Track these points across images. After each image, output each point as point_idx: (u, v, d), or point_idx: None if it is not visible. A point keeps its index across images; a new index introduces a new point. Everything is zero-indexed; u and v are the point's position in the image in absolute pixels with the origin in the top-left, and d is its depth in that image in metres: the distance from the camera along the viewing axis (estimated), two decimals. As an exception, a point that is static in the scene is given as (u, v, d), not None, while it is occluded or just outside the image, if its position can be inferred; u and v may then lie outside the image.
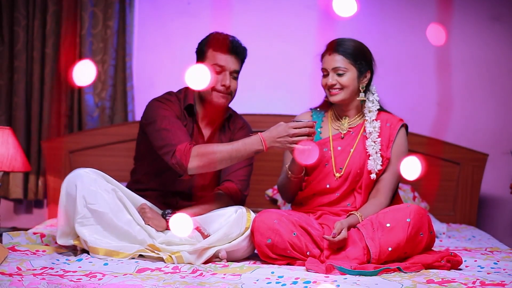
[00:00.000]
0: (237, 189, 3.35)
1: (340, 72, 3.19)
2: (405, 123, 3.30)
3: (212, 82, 3.32)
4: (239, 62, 3.38)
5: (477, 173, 4.66)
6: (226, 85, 3.32)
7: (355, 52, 3.21)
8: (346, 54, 3.19)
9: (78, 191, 3.00)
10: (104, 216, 3.01)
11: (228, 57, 3.33)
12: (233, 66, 3.34)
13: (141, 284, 2.47)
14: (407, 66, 4.88)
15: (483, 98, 4.87)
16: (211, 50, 3.35)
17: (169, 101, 3.39)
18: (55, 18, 4.75)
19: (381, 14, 4.88)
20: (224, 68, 3.33)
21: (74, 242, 3.06)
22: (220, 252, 3.02)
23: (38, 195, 4.81)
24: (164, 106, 3.35)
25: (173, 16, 4.89)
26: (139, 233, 3.05)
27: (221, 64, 3.32)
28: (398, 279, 2.65)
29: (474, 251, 3.44)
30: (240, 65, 3.40)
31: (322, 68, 3.24)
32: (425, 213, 2.99)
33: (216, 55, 3.33)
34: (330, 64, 3.20)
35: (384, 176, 3.22)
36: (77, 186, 3.01)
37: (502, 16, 4.85)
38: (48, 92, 4.74)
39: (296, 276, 2.66)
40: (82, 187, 3.01)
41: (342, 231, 2.95)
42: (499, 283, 2.59)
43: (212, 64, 3.32)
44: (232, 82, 3.35)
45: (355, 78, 3.21)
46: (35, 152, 4.76)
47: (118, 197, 3.08)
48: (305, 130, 3.01)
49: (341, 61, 3.19)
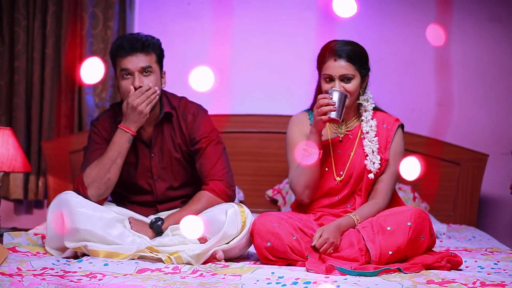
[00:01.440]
0: (223, 187, 3.27)
1: (348, 79, 3.12)
2: (401, 123, 3.29)
3: (126, 89, 3.20)
4: (144, 55, 3.20)
5: (477, 174, 4.66)
6: (136, 86, 3.17)
7: (359, 56, 3.15)
8: (352, 60, 3.12)
9: (65, 214, 3.00)
10: (94, 233, 2.99)
11: (129, 58, 3.19)
12: (138, 64, 3.18)
13: (141, 285, 2.47)
14: (407, 67, 4.88)
15: (483, 99, 4.87)
16: (117, 59, 3.22)
17: (100, 122, 3.35)
18: (55, 19, 4.75)
19: (381, 15, 4.88)
20: (130, 71, 3.19)
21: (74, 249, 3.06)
22: (217, 253, 3.02)
23: (39, 196, 4.82)
24: (94, 130, 3.34)
25: (173, 17, 4.89)
26: (133, 243, 3.05)
27: (125, 68, 3.19)
28: (398, 280, 2.65)
29: (475, 252, 3.44)
30: (149, 57, 3.22)
31: (326, 74, 3.14)
32: (426, 216, 2.98)
33: (121, 63, 3.21)
34: (337, 71, 3.11)
35: (382, 177, 3.22)
36: (63, 210, 3.01)
37: (502, 17, 4.85)
38: (49, 93, 4.74)
39: (296, 277, 2.66)
40: (69, 210, 3.00)
41: (323, 234, 2.96)
42: (499, 283, 2.58)
43: (120, 71, 3.21)
44: (145, 80, 3.19)
45: (359, 84, 3.17)
46: (35, 152, 4.76)
47: (107, 213, 3.08)
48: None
49: (349, 68, 3.12)
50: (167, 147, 3.35)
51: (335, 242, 2.96)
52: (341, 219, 3.07)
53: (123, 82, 3.20)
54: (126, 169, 3.33)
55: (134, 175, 3.37)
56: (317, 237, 2.96)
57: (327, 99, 3.04)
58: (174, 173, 3.39)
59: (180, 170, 3.40)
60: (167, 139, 3.35)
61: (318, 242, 2.95)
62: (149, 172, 3.38)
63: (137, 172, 3.38)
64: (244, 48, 4.84)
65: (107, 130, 3.34)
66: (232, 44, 4.84)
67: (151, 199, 3.41)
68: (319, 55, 3.20)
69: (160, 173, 3.38)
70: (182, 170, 3.40)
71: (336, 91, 3.06)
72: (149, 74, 3.21)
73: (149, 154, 3.36)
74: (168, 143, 3.35)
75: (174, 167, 3.39)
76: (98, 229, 2.99)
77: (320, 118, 3.06)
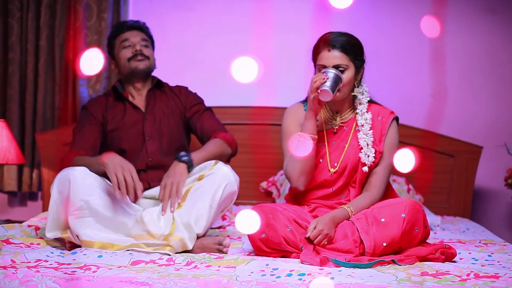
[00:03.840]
0: (232, 137, 3.54)
1: (341, 69, 3.12)
2: (396, 116, 3.29)
3: (126, 56, 3.60)
4: (142, 33, 3.66)
5: (472, 166, 4.67)
6: (137, 49, 3.58)
7: (354, 48, 3.15)
8: (346, 51, 3.12)
9: (72, 185, 3.02)
10: (98, 208, 3.04)
11: (129, 32, 3.64)
12: (138, 36, 3.63)
13: (135, 277, 2.47)
14: (402, 58, 4.88)
15: (478, 90, 4.87)
16: (118, 35, 3.66)
17: (92, 101, 3.67)
18: (49, 10, 4.73)
19: (376, 6, 4.87)
20: (131, 41, 3.61)
21: (62, 235, 3.06)
22: (225, 240, 3.05)
23: (33, 188, 4.81)
24: (83, 111, 3.63)
25: (168, 8, 4.88)
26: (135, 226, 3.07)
27: (125, 38, 3.62)
28: (393, 271, 2.66)
29: (468, 244, 3.45)
30: (146, 36, 3.68)
31: (320, 65, 3.15)
32: (420, 208, 2.98)
33: (120, 37, 3.64)
34: (330, 61, 3.12)
35: (376, 169, 3.22)
36: (70, 181, 3.03)
37: (497, 8, 4.85)
38: (43, 84, 4.72)
39: (291, 268, 2.66)
40: (75, 182, 3.04)
41: (317, 226, 2.96)
42: (493, 275, 2.59)
43: (120, 43, 3.62)
44: (144, 49, 3.61)
45: (353, 75, 3.17)
46: (29, 144, 4.75)
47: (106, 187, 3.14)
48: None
49: (342, 58, 3.12)
50: (159, 110, 3.62)
51: (329, 234, 2.96)
52: (335, 211, 3.07)
53: (123, 51, 3.61)
54: (117, 135, 3.55)
55: (126, 138, 3.55)
56: (312, 229, 2.96)
57: (320, 76, 3.06)
58: (165, 135, 3.57)
59: (171, 133, 3.59)
60: (159, 103, 3.64)
61: (312, 233, 2.95)
62: (141, 134, 3.55)
63: (129, 136, 3.55)
64: (239, 40, 4.82)
65: (97, 108, 3.61)
66: (226, 35, 4.83)
67: (143, 167, 3.49)
68: (314, 47, 3.21)
69: (151, 133, 3.55)
70: (173, 133, 3.60)
71: (330, 69, 3.07)
72: (147, 45, 3.64)
73: (142, 118, 3.59)
74: (160, 107, 3.63)
75: (164, 128, 3.57)
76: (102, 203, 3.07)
77: (314, 96, 3.06)
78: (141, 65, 3.58)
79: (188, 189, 3.18)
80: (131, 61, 3.58)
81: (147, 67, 3.60)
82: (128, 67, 3.60)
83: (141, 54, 3.58)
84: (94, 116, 3.56)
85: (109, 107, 3.62)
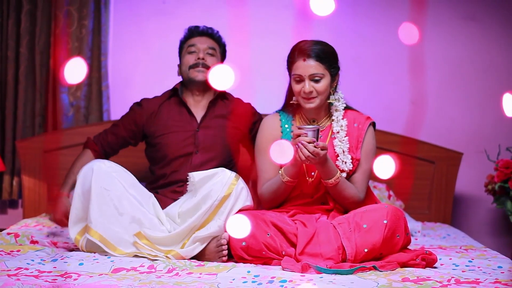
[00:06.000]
0: None
1: (317, 79, 3.13)
2: (372, 121, 3.30)
3: (188, 62, 3.58)
4: (211, 40, 3.64)
5: (452, 172, 4.69)
6: (200, 57, 3.55)
7: (328, 56, 3.16)
8: (321, 59, 3.13)
9: (94, 174, 3.03)
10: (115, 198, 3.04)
11: (198, 38, 3.62)
12: (205, 44, 3.60)
13: (116, 284, 2.46)
14: (383, 65, 4.89)
15: (458, 97, 4.90)
16: (185, 42, 3.65)
17: (146, 101, 3.65)
18: (29, 17, 4.71)
19: (357, 14, 4.89)
20: (197, 47, 3.59)
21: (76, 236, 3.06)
22: (223, 238, 3.01)
23: (13, 195, 4.77)
24: (129, 112, 3.68)
25: (148, 15, 4.87)
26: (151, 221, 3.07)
27: (192, 44, 3.60)
28: (374, 278, 2.67)
29: (449, 249, 3.46)
30: (216, 44, 3.65)
31: (295, 74, 3.16)
32: (401, 215, 2.99)
33: (189, 41, 3.63)
34: (306, 70, 3.13)
35: (354, 176, 3.22)
36: (93, 170, 3.05)
37: (476, 15, 4.88)
38: (23, 92, 4.70)
39: (272, 275, 2.66)
40: (99, 171, 3.05)
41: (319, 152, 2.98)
42: (473, 280, 2.61)
43: (187, 47, 3.61)
44: (208, 58, 3.58)
45: (329, 83, 3.17)
46: (9, 152, 4.72)
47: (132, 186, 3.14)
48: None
49: (318, 67, 3.13)
50: (216, 122, 3.56)
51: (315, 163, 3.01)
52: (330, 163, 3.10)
53: (187, 56, 3.60)
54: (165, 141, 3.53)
55: (173, 146, 3.51)
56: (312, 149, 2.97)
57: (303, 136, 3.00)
58: (215, 150, 3.52)
59: (222, 150, 3.54)
60: (217, 115, 3.60)
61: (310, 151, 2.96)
62: (190, 145, 3.52)
63: (178, 144, 3.51)
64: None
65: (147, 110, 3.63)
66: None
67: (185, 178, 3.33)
68: (289, 56, 3.22)
69: (201, 146, 3.51)
70: (225, 150, 3.54)
71: (309, 129, 3.02)
72: (213, 54, 3.62)
73: (195, 128, 3.56)
74: (217, 119, 3.59)
75: (216, 144, 3.53)
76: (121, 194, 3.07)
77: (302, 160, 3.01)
78: (199, 76, 3.55)
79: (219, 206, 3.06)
80: (191, 70, 3.57)
81: (206, 79, 3.53)
82: (187, 75, 3.58)
83: (203, 64, 3.55)
84: (136, 121, 3.61)
85: (164, 107, 3.60)
